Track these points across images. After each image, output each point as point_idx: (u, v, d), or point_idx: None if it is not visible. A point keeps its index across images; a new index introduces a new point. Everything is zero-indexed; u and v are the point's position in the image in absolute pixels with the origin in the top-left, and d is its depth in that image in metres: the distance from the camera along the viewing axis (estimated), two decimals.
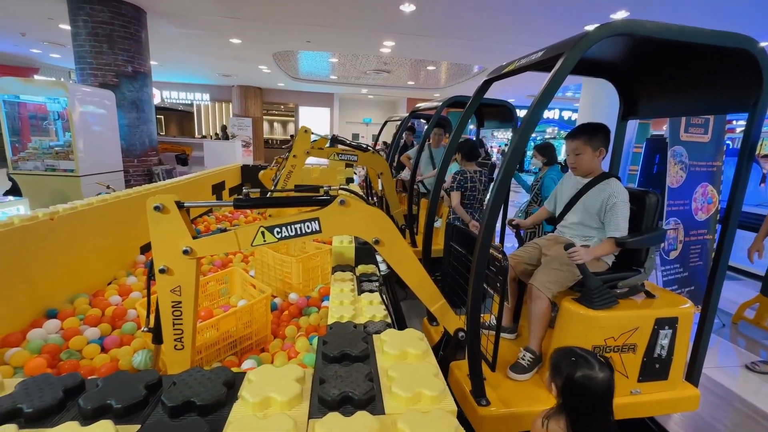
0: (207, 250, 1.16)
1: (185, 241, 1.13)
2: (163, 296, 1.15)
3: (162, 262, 1.13)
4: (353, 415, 0.61)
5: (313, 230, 1.23)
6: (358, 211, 1.23)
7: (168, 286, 1.15)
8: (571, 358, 0.99)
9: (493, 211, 1.23)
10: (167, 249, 1.13)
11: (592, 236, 1.55)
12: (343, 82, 12.17)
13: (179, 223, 1.13)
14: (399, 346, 0.81)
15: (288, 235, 1.22)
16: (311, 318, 2.08)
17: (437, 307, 1.43)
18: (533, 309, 1.43)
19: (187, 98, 14.86)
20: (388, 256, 1.31)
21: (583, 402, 0.96)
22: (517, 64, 1.46)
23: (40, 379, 0.66)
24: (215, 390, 0.64)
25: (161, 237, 1.13)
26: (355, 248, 2.12)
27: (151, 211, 1.09)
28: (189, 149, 6.89)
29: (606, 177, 1.58)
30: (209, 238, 1.17)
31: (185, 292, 1.16)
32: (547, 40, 5.32)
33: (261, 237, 1.20)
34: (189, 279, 1.15)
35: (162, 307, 1.17)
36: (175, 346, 1.19)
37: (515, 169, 1.26)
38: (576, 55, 1.16)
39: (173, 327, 1.18)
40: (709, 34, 1.16)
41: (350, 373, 0.71)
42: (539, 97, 1.21)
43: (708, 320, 1.35)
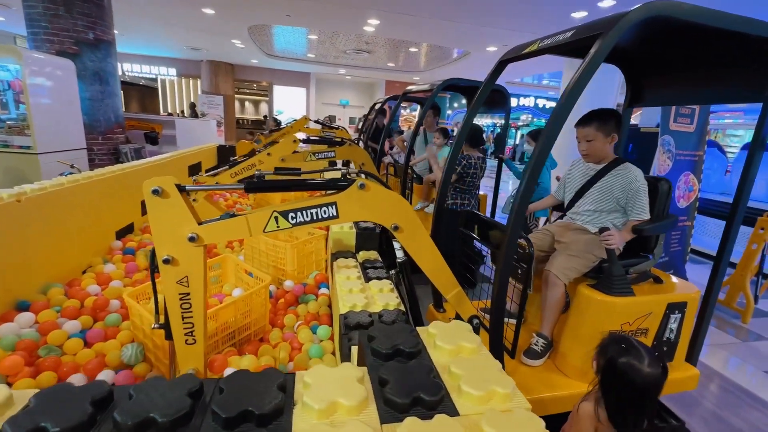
0: (215, 236, 1.07)
1: (190, 227, 1.03)
2: (170, 289, 1.06)
3: (165, 251, 1.03)
4: (432, 418, 0.56)
5: (330, 216, 1.14)
6: (377, 196, 1.17)
7: (174, 278, 1.05)
8: (621, 345, 0.98)
9: (524, 198, 1.20)
10: (170, 237, 1.03)
11: (605, 221, 1.57)
12: (321, 61, 11.75)
13: (182, 208, 1.02)
14: (452, 340, 0.76)
15: (303, 220, 1.12)
16: (309, 306, 2.01)
17: (453, 294, 1.40)
18: (549, 295, 1.44)
19: (150, 72, 13.87)
20: (407, 243, 1.25)
21: (618, 389, 0.95)
22: (540, 44, 1.40)
23: (58, 390, 0.56)
24: (271, 396, 0.57)
25: (162, 224, 1.02)
26: (356, 234, 2.05)
27: (150, 195, 0.98)
28: (159, 127, 6.42)
29: (620, 162, 1.59)
30: (217, 224, 1.08)
31: (193, 282, 1.07)
32: (533, 26, 5.29)
33: (274, 222, 1.11)
34: (197, 268, 1.06)
35: (169, 301, 1.07)
36: (186, 341, 1.11)
37: (545, 159, 1.22)
38: (615, 35, 1.12)
39: (183, 321, 1.09)
40: (741, 21, 1.15)
41: (411, 371, 0.66)
42: (573, 84, 1.16)
43: (710, 304, 1.41)
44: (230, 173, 2.58)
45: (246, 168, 2.68)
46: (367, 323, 1.29)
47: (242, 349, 1.62)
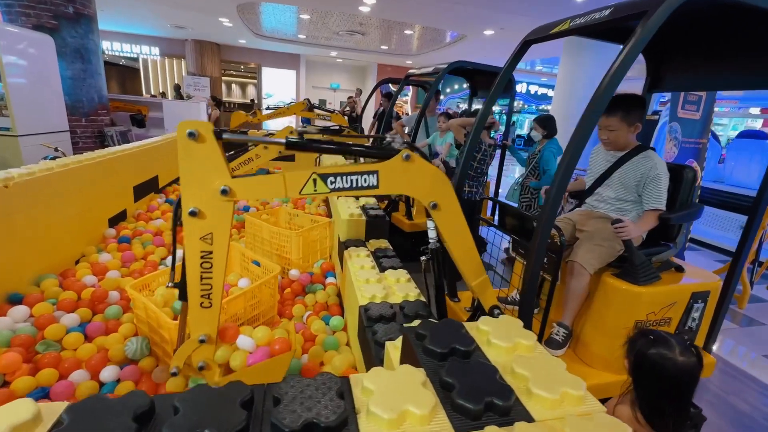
0: (248, 192, 0.99)
1: (223, 179, 0.95)
2: (192, 245, 0.97)
3: (193, 203, 0.94)
4: (508, 425, 0.52)
5: (370, 185, 1.08)
6: (421, 169, 1.11)
7: (198, 233, 0.97)
8: (649, 336, 0.94)
9: (560, 188, 1.15)
10: (201, 187, 0.94)
11: (629, 210, 1.54)
12: (312, 42, 11.39)
13: (217, 156, 0.94)
14: (507, 337, 0.71)
15: (342, 186, 1.06)
16: (318, 296, 1.95)
17: (479, 281, 1.36)
18: (573, 285, 1.41)
19: (132, 51, 13.24)
20: (443, 223, 1.20)
21: (653, 383, 0.92)
22: (571, 24, 1.33)
23: (93, 403, 0.50)
24: (334, 405, 0.51)
25: (194, 172, 0.94)
26: (366, 222, 1.98)
27: (184, 138, 0.90)
28: (145, 109, 6.14)
29: (643, 149, 1.54)
30: (253, 179, 1.01)
31: (218, 240, 0.99)
32: (532, 10, 5.16)
33: (312, 185, 1.04)
34: (224, 225, 0.98)
35: (189, 258, 0.98)
36: (202, 304, 1.03)
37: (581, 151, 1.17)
38: (664, 13, 1.04)
39: (201, 281, 1.00)
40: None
41: (475, 373, 0.61)
42: (616, 67, 1.09)
43: (729, 293, 1.41)
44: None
45: (243, 163, 2.58)
46: (389, 315, 1.25)
47: None
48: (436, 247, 1.30)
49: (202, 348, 1.09)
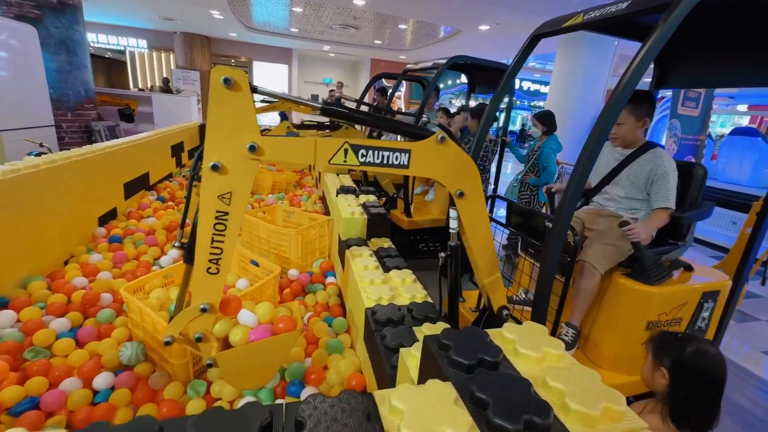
0: (277, 152, 0.93)
1: (253, 135, 0.89)
2: (207, 203, 0.90)
3: (217, 156, 0.88)
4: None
5: (401, 164, 1.05)
6: (453, 154, 1.08)
7: (217, 190, 0.90)
8: (676, 336, 0.92)
9: (577, 189, 1.11)
10: (227, 140, 0.88)
11: (640, 209, 1.52)
12: (305, 36, 11.22)
13: (249, 110, 0.88)
14: (535, 346, 0.68)
15: (372, 161, 1.02)
16: (318, 296, 1.90)
17: (492, 279, 1.33)
18: (583, 285, 1.38)
19: (118, 44, 12.92)
20: (467, 213, 1.17)
21: (694, 384, 0.90)
22: (585, 17, 1.29)
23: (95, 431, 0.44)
24: (362, 429, 0.47)
25: (223, 123, 0.87)
26: (367, 220, 1.94)
27: (218, 84, 0.84)
28: (134, 103, 5.98)
29: (651, 146, 1.52)
30: (282, 139, 0.96)
31: (237, 201, 0.92)
32: (528, 4, 5.10)
33: (342, 155, 1.00)
34: (245, 185, 0.92)
35: (202, 216, 0.91)
36: (209, 269, 0.95)
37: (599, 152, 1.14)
38: (688, 5, 1.00)
39: (211, 244, 0.93)
40: None
41: (507, 387, 0.57)
42: (638, 62, 1.05)
43: (737, 293, 1.40)
44: None
45: None
46: (398, 318, 1.21)
47: None
48: (457, 245, 1.26)
49: (202, 318, 1.00)
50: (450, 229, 1.41)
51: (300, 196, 3.49)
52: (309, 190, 3.77)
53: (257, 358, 1.09)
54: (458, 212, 1.21)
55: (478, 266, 1.31)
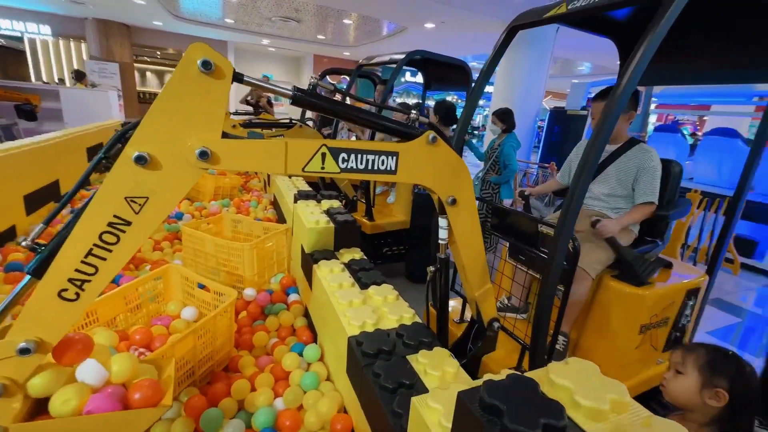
0: (236, 161, 0.75)
1: (210, 136, 0.70)
2: (105, 200, 0.66)
3: (149, 146, 0.67)
4: None
5: (388, 169, 0.90)
6: (445, 157, 0.96)
7: (128, 189, 0.67)
8: (725, 354, 0.87)
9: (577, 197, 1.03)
10: (175, 132, 0.68)
11: (624, 207, 1.50)
12: (241, 28, 10.49)
13: (220, 105, 0.70)
14: (598, 395, 0.55)
15: (355, 167, 0.87)
16: (282, 318, 1.67)
17: (484, 291, 1.23)
18: (575, 291, 1.32)
19: (13, 29, 11.07)
20: (457, 222, 1.07)
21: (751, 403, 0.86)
22: (569, 7, 1.21)
23: None
24: None
25: (179, 110, 0.67)
26: (335, 229, 1.73)
27: (193, 64, 0.65)
28: (36, 98, 5.04)
29: (636, 142, 1.51)
30: (245, 143, 0.76)
31: (149, 212, 0.69)
32: (474, 4, 5.17)
33: (319, 161, 0.83)
34: (172, 197, 0.71)
35: (87, 216, 0.66)
36: (63, 292, 0.66)
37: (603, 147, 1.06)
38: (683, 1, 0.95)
39: (84, 257, 0.66)
40: None
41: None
42: (639, 57, 0.98)
43: (709, 289, 1.44)
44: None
45: None
46: (389, 348, 1.04)
47: (207, 388, 1.25)
48: (446, 257, 1.15)
49: (17, 361, 0.66)
50: (439, 239, 1.28)
51: (248, 202, 3.17)
52: (257, 195, 3.45)
53: None
54: (449, 221, 1.10)
55: (469, 278, 1.20)
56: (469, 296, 1.22)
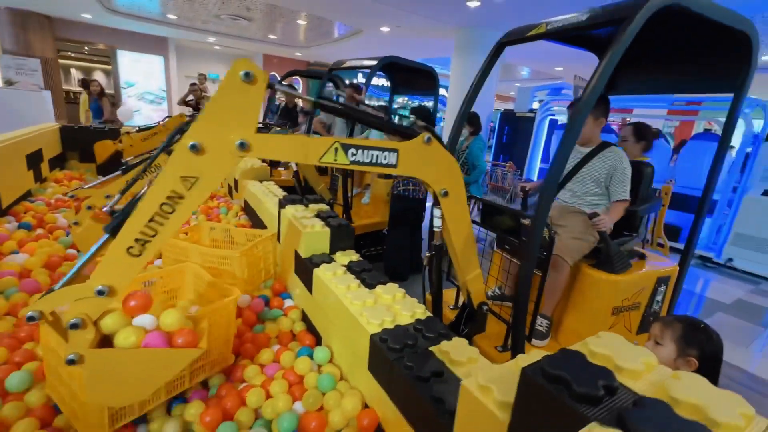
0: (267, 151, 0.93)
1: (248, 132, 0.86)
2: (166, 178, 0.84)
3: (201, 137, 0.84)
4: None
5: (389, 163, 1.07)
6: (438, 155, 1.13)
7: (183, 170, 0.84)
8: (697, 325, 1.03)
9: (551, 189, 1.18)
10: (221, 127, 0.85)
11: (598, 204, 1.69)
12: (185, 25, 9.89)
13: (256, 106, 0.87)
14: (631, 357, 0.67)
15: (362, 160, 1.02)
16: (281, 324, 1.66)
17: (473, 276, 1.36)
18: (555, 277, 1.48)
19: None
20: (450, 211, 1.23)
21: (715, 367, 1.01)
22: (548, 27, 1.36)
23: None
24: None
25: (224, 109, 0.85)
26: (330, 233, 1.75)
27: (237, 75, 0.82)
28: None
29: (607, 145, 1.71)
30: (275, 137, 0.95)
31: (198, 188, 0.86)
32: (428, 10, 5.41)
33: (333, 153, 1.01)
34: (216, 177, 0.88)
35: (152, 191, 0.84)
36: (130, 248, 0.84)
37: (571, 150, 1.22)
38: (641, 20, 1.13)
39: (147, 221, 0.84)
40: (722, 12, 1.27)
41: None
42: (600, 71, 1.15)
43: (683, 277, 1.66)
44: (125, 180, 1.95)
45: (148, 172, 2.04)
46: (413, 342, 1.11)
47: (219, 401, 1.22)
48: (441, 243, 1.28)
49: (93, 301, 0.84)
50: (434, 228, 1.40)
51: (216, 209, 3.05)
52: (225, 201, 3.32)
53: (137, 368, 0.92)
54: (442, 211, 1.24)
55: (460, 263, 1.35)
56: (461, 281, 1.34)
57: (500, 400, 0.72)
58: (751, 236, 4.66)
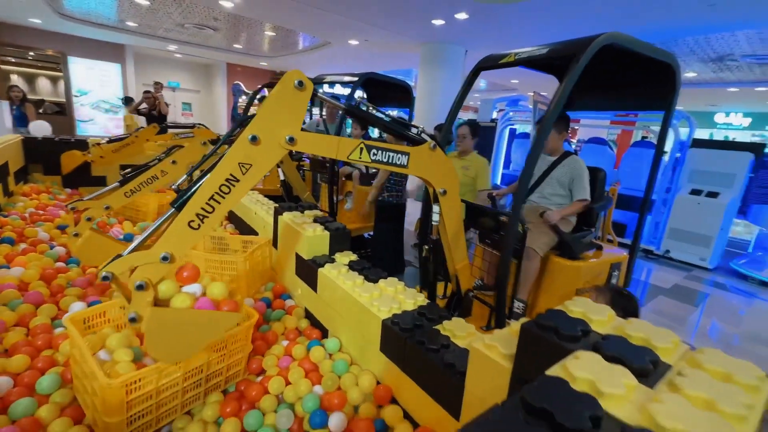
0: (308, 145, 1.12)
1: (295, 129, 1.06)
2: (227, 164, 1.00)
3: (259, 131, 1.02)
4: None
5: (401, 164, 1.28)
6: (440, 160, 1.35)
7: (242, 157, 1.01)
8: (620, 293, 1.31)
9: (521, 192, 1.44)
10: (273, 127, 1.03)
11: (563, 203, 1.99)
12: (145, 32, 9.60)
13: (303, 109, 1.06)
14: (598, 311, 0.89)
15: (381, 159, 1.23)
16: (287, 322, 1.79)
17: (463, 265, 1.59)
18: (528, 266, 1.75)
19: None
20: (448, 207, 1.45)
21: None
22: (516, 57, 1.64)
23: None
24: None
25: (280, 110, 1.04)
26: (330, 236, 1.91)
27: (291, 83, 1.02)
28: None
29: (569, 155, 2.03)
30: (314, 135, 1.14)
31: (251, 173, 1.04)
32: (398, 26, 5.74)
33: (359, 152, 1.21)
34: (266, 165, 1.06)
35: (214, 174, 1.00)
36: (191, 222, 0.99)
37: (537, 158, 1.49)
38: (589, 55, 1.42)
39: (207, 200, 0.99)
40: (653, 49, 1.62)
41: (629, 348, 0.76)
42: (560, 93, 1.43)
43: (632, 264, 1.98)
44: (124, 191, 2.02)
45: (145, 182, 2.09)
46: (420, 323, 1.29)
47: (242, 393, 1.34)
48: (438, 237, 1.51)
49: (156, 266, 0.99)
50: (432, 222, 1.62)
51: None
52: None
53: (190, 327, 1.06)
54: (440, 207, 1.48)
55: (453, 253, 1.58)
56: (451, 270, 1.56)
57: (503, 353, 0.93)
58: (683, 230, 5.33)
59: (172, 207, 1.05)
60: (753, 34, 5.70)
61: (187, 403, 1.27)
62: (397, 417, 1.22)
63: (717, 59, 7.27)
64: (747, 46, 6.36)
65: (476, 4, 4.90)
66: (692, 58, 7.31)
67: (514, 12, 5.16)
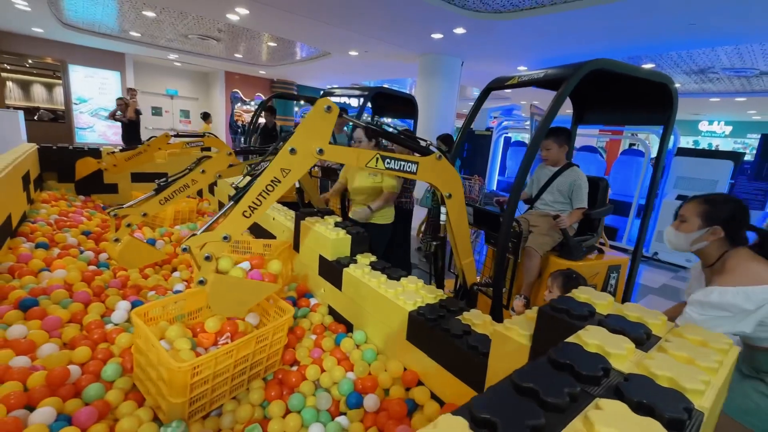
0: (332, 156, 1.36)
1: (324, 143, 1.32)
2: (272, 170, 1.27)
3: (296, 145, 1.28)
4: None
5: (411, 171, 1.51)
6: (446, 168, 1.58)
7: (283, 164, 1.28)
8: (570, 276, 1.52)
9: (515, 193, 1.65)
10: (307, 139, 1.30)
11: (563, 210, 2.19)
12: (148, 42, 9.74)
13: (330, 127, 1.31)
14: (599, 296, 1.07)
15: (393, 167, 1.46)
16: (313, 319, 1.94)
17: (468, 261, 1.77)
18: (529, 265, 1.94)
19: None
20: (453, 209, 1.65)
21: None
22: (519, 79, 1.85)
23: None
24: None
25: (312, 129, 1.30)
26: (351, 239, 2.07)
27: (322, 108, 1.29)
28: None
29: (570, 166, 2.25)
30: (337, 147, 1.38)
31: (289, 177, 1.30)
32: (398, 39, 5.99)
33: (375, 161, 1.43)
34: (301, 170, 1.32)
35: (263, 176, 1.27)
36: (245, 212, 1.28)
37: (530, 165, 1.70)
38: (576, 79, 1.65)
39: (257, 196, 1.27)
40: (645, 72, 1.84)
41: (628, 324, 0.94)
42: (549, 110, 1.64)
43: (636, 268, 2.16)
44: (159, 199, 2.18)
45: (178, 190, 2.25)
46: (444, 314, 1.46)
47: (281, 381, 1.50)
48: (445, 235, 1.69)
49: (219, 244, 1.28)
50: (440, 221, 1.81)
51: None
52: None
53: (242, 292, 1.34)
54: (447, 209, 1.67)
55: (459, 250, 1.75)
56: (458, 266, 1.74)
57: (522, 333, 1.10)
58: None
59: (230, 200, 1.33)
60: (731, 49, 6.05)
61: (234, 388, 1.42)
62: (425, 396, 1.39)
63: (699, 72, 7.65)
64: (726, 60, 6.74)
65: (473, 19, 5.16)
66: (677, 71, 7.69)
67: (509, 27, 5.44)
